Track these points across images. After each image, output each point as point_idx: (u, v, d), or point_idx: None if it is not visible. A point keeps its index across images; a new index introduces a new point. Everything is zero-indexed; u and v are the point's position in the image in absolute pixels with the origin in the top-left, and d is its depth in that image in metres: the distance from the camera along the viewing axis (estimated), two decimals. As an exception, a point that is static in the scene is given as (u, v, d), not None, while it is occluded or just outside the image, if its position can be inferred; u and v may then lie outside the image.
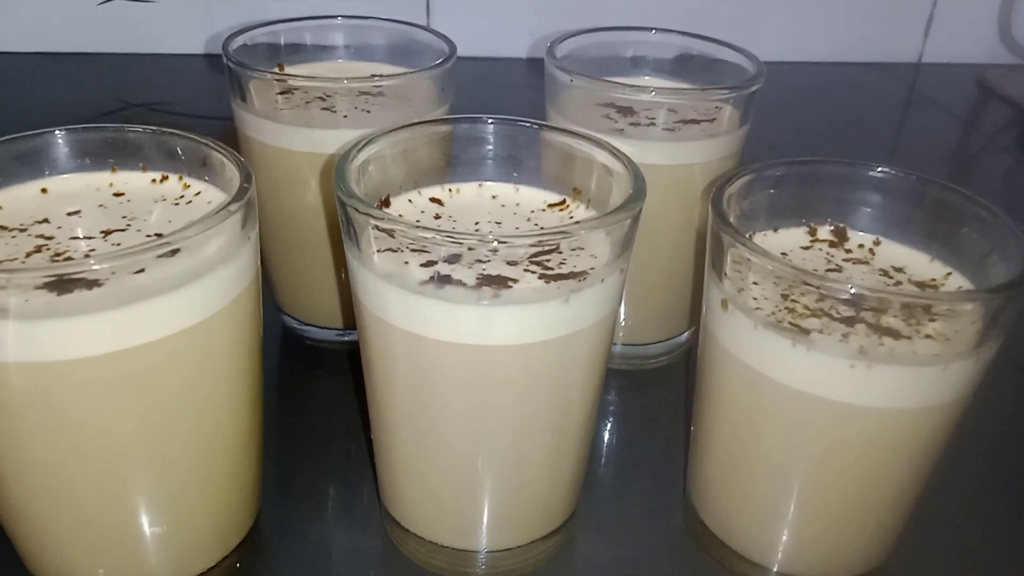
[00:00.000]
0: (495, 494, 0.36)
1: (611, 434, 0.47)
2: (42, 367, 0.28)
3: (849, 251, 0.38)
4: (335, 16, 0.53)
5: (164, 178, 0.37)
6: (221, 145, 0.35)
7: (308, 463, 0.43)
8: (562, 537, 0.39)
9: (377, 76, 0.46)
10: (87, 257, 0.27)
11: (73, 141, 0.36)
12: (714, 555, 0.39)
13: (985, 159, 0.85)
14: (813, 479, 0.35)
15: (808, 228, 0.39)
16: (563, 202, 0.38)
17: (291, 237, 0.49)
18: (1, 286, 0.27)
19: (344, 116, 0.45)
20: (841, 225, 0.39)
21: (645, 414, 0.49)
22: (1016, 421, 0.49)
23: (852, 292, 0.30)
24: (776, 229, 0.39)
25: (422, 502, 0.37)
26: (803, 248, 0.38)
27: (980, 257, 0.35)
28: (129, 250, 0.28)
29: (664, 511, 0.42)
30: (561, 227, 0.31)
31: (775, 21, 0.95)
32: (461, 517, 0.37)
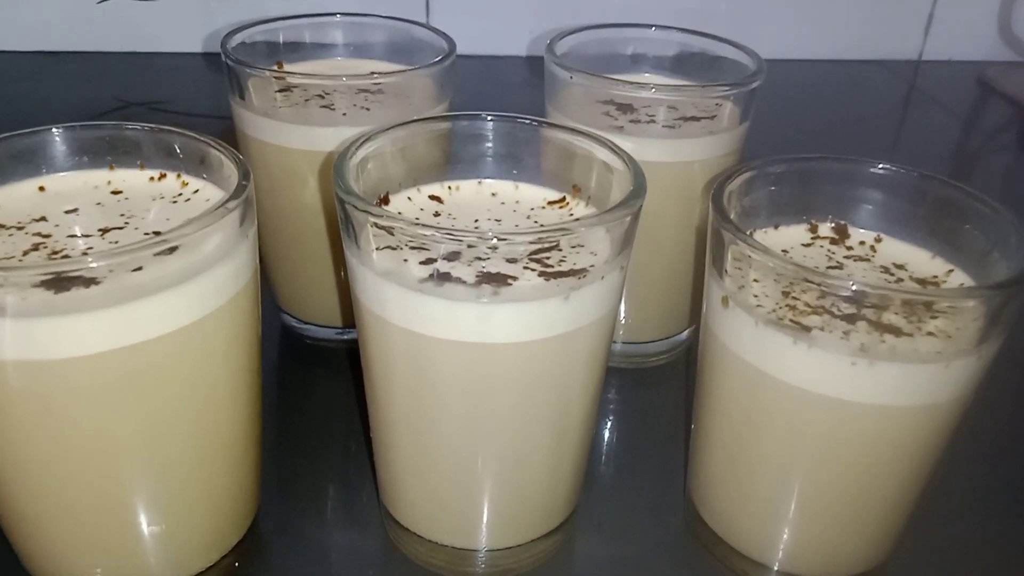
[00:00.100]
0: (495, 492, 0.36)
1: (611, 432, 0.47)
2: (39, 365, 0.28)
3: (850, 248, 0.38)
4: (334, 13, 0.53)
5: (162, 176, 0.37)
6: (219, 143, 0.35)
7: (307, 462, 0.43)
8: (562, 536, 0.39)
9: (376, 74, 0.46)
10: (85, 255, 0.27)
11: (71, 139, 0.36)
12: (714, 553, 0.39)
13: (985, 157, 0.85)
14: (814, 477, 0.34)
15: (809, 225, 0.39)
16: (563, 199, 0.38)
17: (290, 235, 0.49)
18: (-2, 284, 0.27)
19: (343, 114, 0.45)
20: (842, 222, 0.39)
21: (645, 412, 0.49)
22: (1018, 419, 0.49)
23: (853, 289, 0.30)
24: (777, 226, 0.38)
25: (422, 501, 0.37)
26: (804, 245, 0.38)
27: (982, 254, 0.35)
28: (127, 248, 0.27)
29: (664, 509, 0.41)
30: (561, 224, 0.30)
31: (775, 19, 0.95)
32: (461, 516, 0.37)
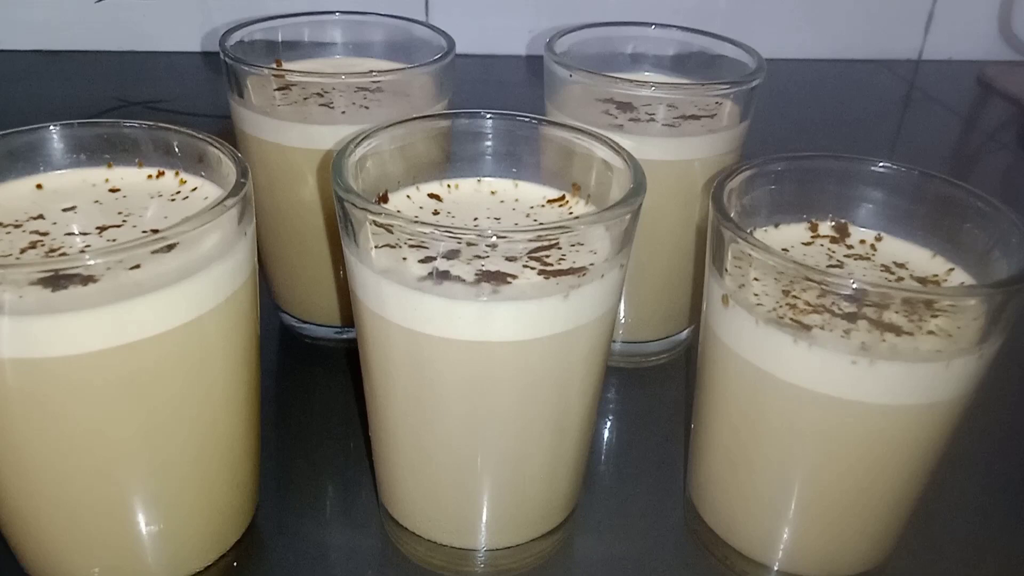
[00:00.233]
0: (494, 492, 0.35)
1: (611, 432, 0.47)
2: (36, 364, 0.28)
3: (850, 247, 0.37)
4: (333, 12, 0.53)
5: (160, 174, 0.37)
6: (218, 140, 0.35)
7: (306, 461, 0.43)
8: (561, 536, 0.39)
9: (375, 72, 0.46)
10: (82, 253, 0.27)
11: (68, 137, 0.36)
12: (714, 553, 0.39)
13: (985, 156, 0.85)
14: (814, 476, 0.34)
15: (809, 224, 0.39)
16: (562, 198, 0.38)
17: (289, 234, 0.49)
18: (-5, 282, 0.26)
19: (342, 112, 0.45)
20: (842, 221, 0.39)
21: (645, 412, 0.49)
22: (1019, 419, 0.49)
23: (854, 287, 0.30)
24: (777, 225, 0.38)
25: (421, 500, 0.37)
26: (804, 244, 0.37)
27: (982, 253, 0.35)
28: (124, 245, 0.27)
29: (664, 509, 0.41)
30: (560, 222, 0.30)
31: (775, 18, 0.95)
32: (460, 515, 0.36)
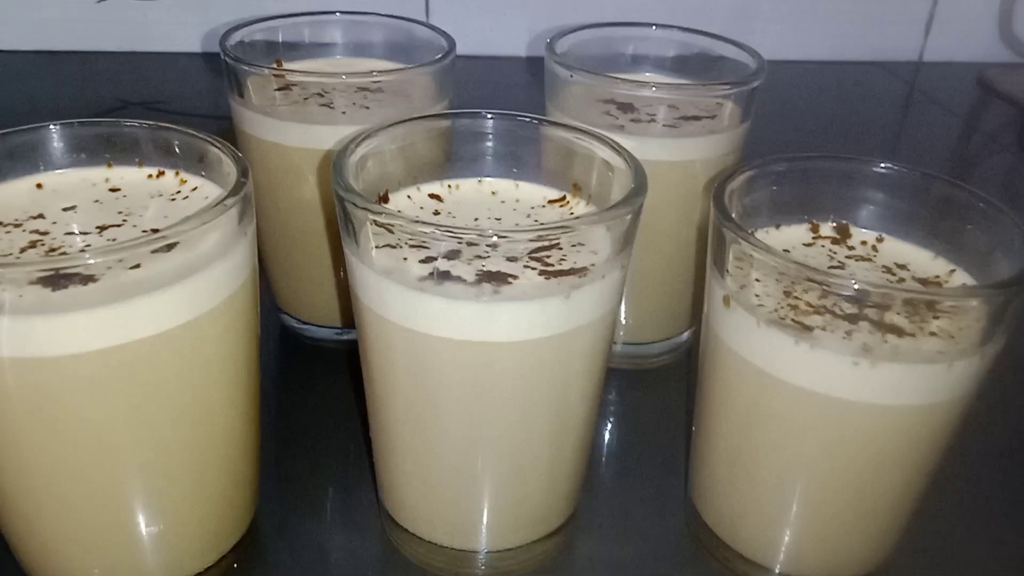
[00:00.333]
0: (494, 493, 0.35)
1: (611, 434, 0.47)
2: (36, 363, 0.28)
3: (852, 248, 0.37)
4: (333, 12, 0.53)
5: (160, 173, 0.37)
6: (218, 140, 0.35)
7: (306, 463, 0.43)
8: (562, 538, 0.39)
9: (375, 72, 0.46)
10: (82, 252, 0.27)
11: (68, 136, 0.36)
12: (716, 556, 0.38)
13: (986, 157, 0.85)
14: (816, 478, 0.34)
15: (810, 225, 0.39)
16: (563, 198, 0.37)
17: (289, 234, 0.48)
18: (-5, 281, 0.26)
19: (342, 112, 0.45)
20: (844, 222, 0.39)
21: (646, 414, 0.49)
22: (1020, 419, 0.49)
23: (856, 288, 0.30)
24: (778, 226, 0.38)
25: (421, 502, 0.37)
26: (805, 245, 0.37)
27: (984, 254, 0.35)
28: (124, 245, 0.27)
29: (665, 511, 0.41)
30: (561, 222, 0.30)
31: (776, 19, 0.95)
32: (460, 516, 0.36)
